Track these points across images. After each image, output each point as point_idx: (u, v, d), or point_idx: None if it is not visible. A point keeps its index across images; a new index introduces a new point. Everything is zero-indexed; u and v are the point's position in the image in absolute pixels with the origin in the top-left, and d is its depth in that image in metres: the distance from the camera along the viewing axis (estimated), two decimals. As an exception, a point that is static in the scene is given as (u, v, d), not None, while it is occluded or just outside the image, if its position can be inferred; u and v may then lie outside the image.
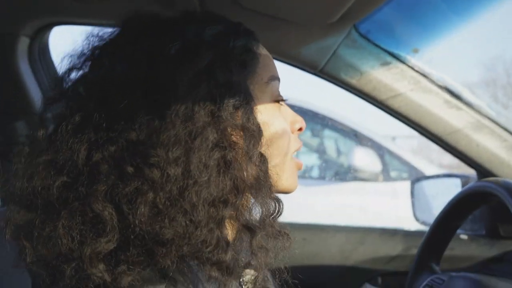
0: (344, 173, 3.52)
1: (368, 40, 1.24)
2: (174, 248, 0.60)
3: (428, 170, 3.38)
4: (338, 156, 3.72)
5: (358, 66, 1.24)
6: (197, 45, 0.67)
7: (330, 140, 3.75)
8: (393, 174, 3.48)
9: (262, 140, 0.69)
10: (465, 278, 1.06)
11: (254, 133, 0.67)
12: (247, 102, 0.68)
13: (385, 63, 1.25)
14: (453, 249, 1.45)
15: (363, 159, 3.37)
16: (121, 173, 0.60)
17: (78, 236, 0.59)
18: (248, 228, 0.66)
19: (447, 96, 1.28)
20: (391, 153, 3.46)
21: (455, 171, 1.83)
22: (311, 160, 3.78)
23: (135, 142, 0.61)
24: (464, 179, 1.49)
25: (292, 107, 0.81)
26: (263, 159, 0.69)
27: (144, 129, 0.61)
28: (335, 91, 1.30)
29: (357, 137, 3.52)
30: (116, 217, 0.60)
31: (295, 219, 1.73)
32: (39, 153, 0.65)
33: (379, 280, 1.52)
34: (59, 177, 0.62)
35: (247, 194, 0.66)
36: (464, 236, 1.50)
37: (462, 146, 1.32)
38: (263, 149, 0.69)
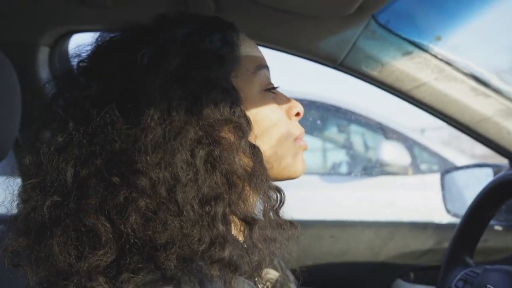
0: (372, 168, 3.46)
1: (388, 30, 1.21)
2: (172, 250, 0.59)
3: (460, 161, 3.29)
4: (366, 151, 3.67)
5: (379, 58, 1.21)
6: (168, 47, 0.67)
7: (356, 134, 3.70)
8: (422, 166, 3.41)
9: (252, 131, 0.69)
10: (501, 271, 1.02)
11: (241, 125, 0.67)
12: (230, 95, 0.68)
13: (407, 53, 1.22)
14: (487, 241, 1.41)
15: (391, 152, 3.31)
16: (109, 185, 0.61)
17: (74, 252, 0.60)
18: (246, 222, 0.66)
19: (474, 83, 1.24)
20: (420, 145, 3.39)
21: (488, 161, 1.77)
22: (338, 156, 3.74)
23: (118, 152, 0.62)
24: (496, 168, 1.44)
25: (314, 103, 0.81)
26: (256, 150, 0.69)
27: (124, 139, 0.62)
28: (359, 85, 1.28)
29: (384, 131, 3.46)
30: (110, 228, 0.60)
31: (323, 217, 1.71)
32: (28, 178, 0.66)
33: (411, 275, 1.49)
34: (49, 197, 0.63)
35: (243, 187, 0.66)
36: (498, 227, 1.45)
37: (492, 134, 1.27)
38: (255, 140, 0.70)
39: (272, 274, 0.87)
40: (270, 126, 0.73)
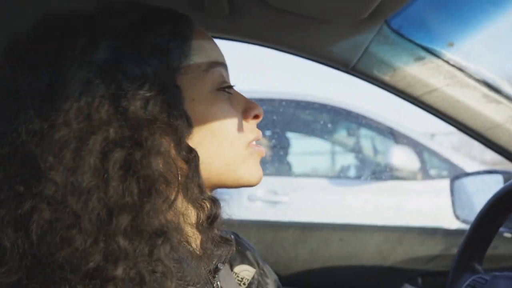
0: (381, 172, 3.45)
1: (401, 35, 1.21)
2: (74, 268, 0.53)
3: (470, 167, 3.28)
4: (375, 155, 3.66)
5: (391, 63, 1.22)
6: (101, 38, 0.61)
7: (366, 138, 3.70)
8: (432, 172, 3.40)
9: (193, 133, 0.64)
10: (510, 278, 1.02)
11: (176, 126, 0.62)
12: (167, 93, 0.62)
13: (419, 58, 1.22)
14: (496, 248, 1.41)
15: (401, 157, 3.29)
16: (15, 193, 0.55)
17: None
18: (156, 235, 0.57)
19: (486, 90, 1.24)
20: (429, 151, 3.37)
21: (498, 168, 1.77)
22: (347, 159, 3.74)
23: (32, 154, 0.56)
24: (507, 175, 1.43)
25: (324, 106, 0.79)
26: (193, 155, 0.63)
27: (37, 139, 0.56)
28: (370, 90, 1.28)
29: (393, 135, 3.45)
30: (15, 243, 0.54)
31: (331, 220, 1.72)
32: None
33: (419, 280, 1.49)
34: None
35: (168, 195, 0.60)
36: (508, 234, 1.45)
37: (503, 141, 1.27)
38: (200, 143, 0.64)
39: (248, 270, 0.84)
40: (218, 128, 0.66)
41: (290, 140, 3.63)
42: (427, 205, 3.05)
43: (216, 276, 0.69)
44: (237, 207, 0.76)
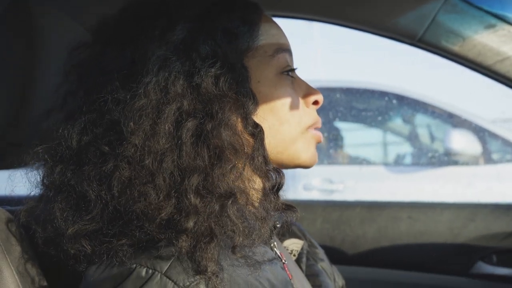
0: (441, 158, 3.36)
1: (470, 3, 1.18)
2: (149, 218, 0.60)
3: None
4: (433, 141, 3.57)
5: (460, 32, 1.18)
6: (179, 21, 0.68)
7: (423, 123, 3.60)
8: (495, 156, 3.27)
9: (255, 110, 0.68)
10: None
11: (244, 103, 0.67)
12: (236, 73, 0.67)
13: (490, 26, 1.18)
14: None
15: (461, 142, 3.19)
16: (101, 153, 0.63)
17: (71, 217, 0.63)
18: (224, 197, 0.63)
19: (562, 56, 1.18)
20: (491, 134, 3.25)
21: None
22: (404, 146, 3.66)
23: (114, 121, 0.63)
24: None
25: (378, 92, 0.78)
26: (258, 130, 0.68)
27: (121, 107, 0.63)
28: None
29: (452, 120, 3.35)
30: (99, 195, 0.61)
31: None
32: (41, 144, 0.68)
33: (494, 258, 1.44)
34: (58, 163, 0.66)
35: (235, 163, 0.65)
36: None
37: None
38: (260, 119, 0.69)
39: (296, 242, 0.89)
40: (280, 110, 0.72)
41: (344, 129, 3.60)
42: (491, 190, 2.94)
43: (272, 237, 0.76)
44: (293, 196, 0.78)
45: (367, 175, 3.21)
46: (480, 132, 3.23)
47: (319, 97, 0.77)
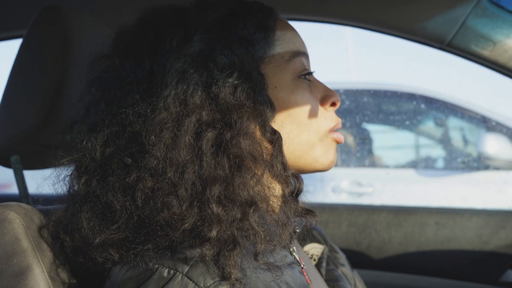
0: (474, 162, 3.28)
1: (501, 7, 1.15)
2: (173, 227, 0.61)
3: None
4: (466, 145, 3.49)
5: (490, 36, 1.16)
6: (195, 31, 0.68)
7: (456, 127, 3.53)
8: (529, 161, 3.17)
9: (273, 116, 0.69)
10: None
11: (261, 111, 0.67)
12: (253, 81, 0.67)
13: (522, 30, 1.15)
14: None
15: (495, 146, 3.11)
16: (124, 165, 0.64)
17: (97, 226, 0.64)
18: (246, 205, 0.64)
19: None
20: (528, 139, 3.15)
21: None
22: (436, 149, 3.59)
23: (136, 133, 0.65)
24: None
25: (403, 94, 0.77)
26: (276, 137, 0.68)
27: (142, 120, 0.64)
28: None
29: (486, 123, 3.27)
30: (124, 206, 0.63)
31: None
32: (66, 155, 0.70)
33: (525, 267, 1.40)
34: (83, 174, 0.68)
35: (255, 171, 0.66)
36: None
37: None
38: (281, 127, 0.69)
39: (316, 247, 0.90)
40: (299, 114, 0.72)
41: (374, 132, 3.56)
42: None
43: (292, 242, 0.75)
44: (322, 199, 0.78)
45: (397, 178, 3.17)
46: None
47: (337, 98, 0.76)
